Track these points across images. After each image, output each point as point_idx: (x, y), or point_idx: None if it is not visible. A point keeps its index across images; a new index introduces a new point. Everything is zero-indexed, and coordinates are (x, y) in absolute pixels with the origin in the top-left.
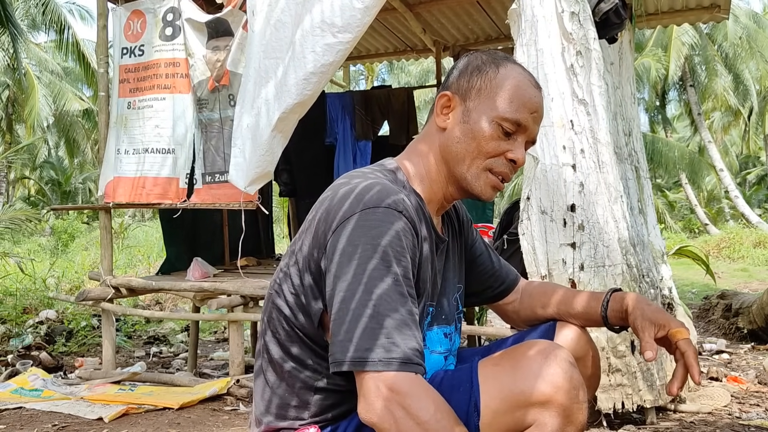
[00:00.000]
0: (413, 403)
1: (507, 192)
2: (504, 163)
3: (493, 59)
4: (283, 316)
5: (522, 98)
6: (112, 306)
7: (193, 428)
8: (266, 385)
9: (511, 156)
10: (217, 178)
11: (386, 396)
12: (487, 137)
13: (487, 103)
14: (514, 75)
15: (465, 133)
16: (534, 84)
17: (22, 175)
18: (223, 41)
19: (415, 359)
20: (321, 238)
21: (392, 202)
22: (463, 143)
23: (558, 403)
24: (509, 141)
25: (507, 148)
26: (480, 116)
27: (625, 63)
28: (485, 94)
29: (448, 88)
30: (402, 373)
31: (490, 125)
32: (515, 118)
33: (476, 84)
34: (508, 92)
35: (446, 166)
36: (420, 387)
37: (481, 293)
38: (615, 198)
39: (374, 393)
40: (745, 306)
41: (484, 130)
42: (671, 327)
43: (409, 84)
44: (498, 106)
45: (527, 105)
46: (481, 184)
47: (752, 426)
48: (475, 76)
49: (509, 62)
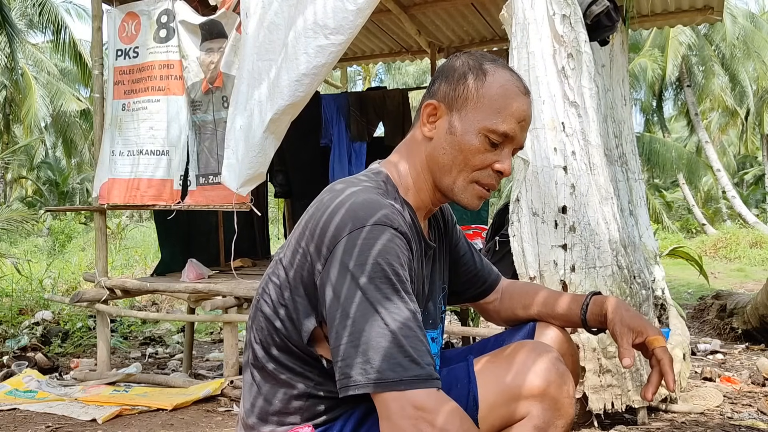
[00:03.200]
0: (440, 419)
1: (504, 192)
2: (490, 174)
3: (480, 65)
4: (269, 323)
5: (509, 108)
6: (107, 307)
7: (186, 429)
8: (252, 388)
9: (498, 167)
10: (210, 180)
11: (412, 415)
12: (474, 150)
13: (474, 114)
14: (501, 83)
15: (452, 145)
16: (522, 90)
17: (20, 176)
18: (217, 43)
19: (433, 374)
20: (314, 256)
21: (385, 217)
22: (450, 155)
23: (549, 396)
24: (496, 152)
25: (494, 159)
26: (467, 128)
27: (616, 65)
28: (472, 104)
29: (434, 95)
30: (424, 390)
31: (477, 137)
32: (503, 130)
33: (462, 93)
34: (495, 102)
35: (432, 176)
36: (443, 402)
37: (462, 293)
38: (605, 199)
39: (399, 414)
40: (740, 306)
41: (471, 143)
42: (649, 334)
43: (407, 84)
44: (485, 118)
45: (515, 114)
46: (468, 195)
47: (743, 426)
48: (461, 84)
49: (497, 67)
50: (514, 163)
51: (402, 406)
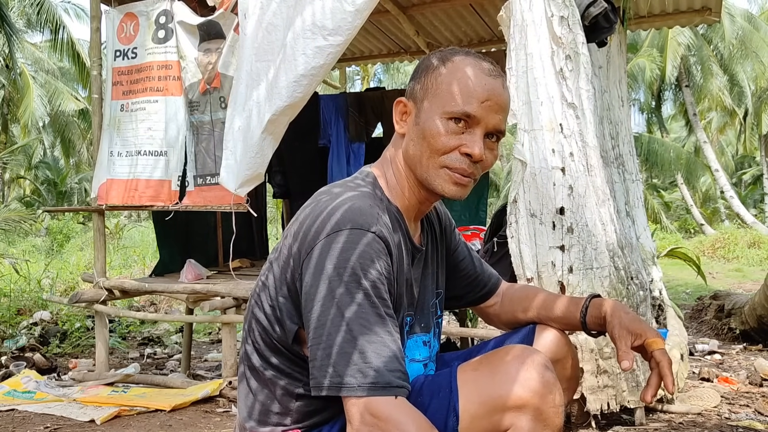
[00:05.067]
0: (394, 429)
1: (502, 193)
2: (459, 158)
3: (444, 56)
4: (261, 326)
5: (468, 88)
6: (105, 308)
7: (185, 430)
8: (249, 391)
9: (465, 150)
10: (208, 180)
11: (369, 422)
12: (435, 133)
13: (435, 100)
14: (461, 67)
15: (417, 135)
16: (487, 72)
17: (18, 175)
18: (215, 44)
19: (395, 381)
20: (295, 258)
21: (364, 222)
22: (417, 144)
23: (534, 407)
24: (462, 136)
25: (458, 143)
26: (429, 115)
27: (613, 66)
28: (432, 92)
29: (406, 93)
30: (383, 397)
31: (438, 121)
32: (462, 111)
33: (425, 84)
34: (453, 86)
35: (411, 171)
36: (401, 410)
37: (462, 297)
38: (603, 201)
39: (358, 419)
40: (738, 307)
41: (432, 128)
42: (648, 337)
43: (405, 84)
44: (444, 101)
45: (475, 95)
46: (441, 182)
47: (740, 427)
48: (423, 76)
49: (461, 55)
50: (513, 164)
51: (360, 412)
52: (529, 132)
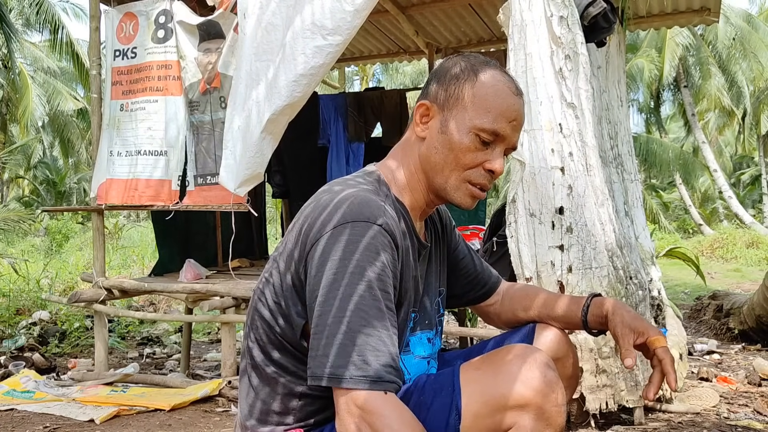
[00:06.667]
0: (379, 422)
1: (501, 193)
2: (482, 174)
3: (472, 66)
4: (265, 323)
5: (500, 107)
6: (104, 308)
7: (184, 430)
8: (250, 389)
9: (489, 167)
10: (208, 180)
11: (356, 414)
12: (465, 149)
13: (465, 113)
14: (493, 83)
15: (443, 144)
16: (514, 91)
17: (17, 175)
18: (215, 44)
19: (387, 377)
20: (300, 251)
21: (371, 214)
22: (442, 154)
23: (536, 406)
24: (487, 151)
25: (485, 158)
26: (458, 127)
27: (611, 66)
28: (463, 103)
29: (427, 96)
30: (373, 391)
31: (467, 136)
32: (493, 129)
33: (454, 93)
34: (485, 101)
35: (426, 176)
36: (388, 406)
37: (463, 296)
38: (602, 201)
39: (345, 411)
40: (736, 307)
41: (462, 142)
42: (650, 335)
43: (404, 84)
44: (475, 117)
45: (505, 114)
46: (461, 194)
47: (739, 426)
48: (453, 84)
49: (489, 68)
50: (512, 164)
51: (347, 403)
52: (528, 132)
